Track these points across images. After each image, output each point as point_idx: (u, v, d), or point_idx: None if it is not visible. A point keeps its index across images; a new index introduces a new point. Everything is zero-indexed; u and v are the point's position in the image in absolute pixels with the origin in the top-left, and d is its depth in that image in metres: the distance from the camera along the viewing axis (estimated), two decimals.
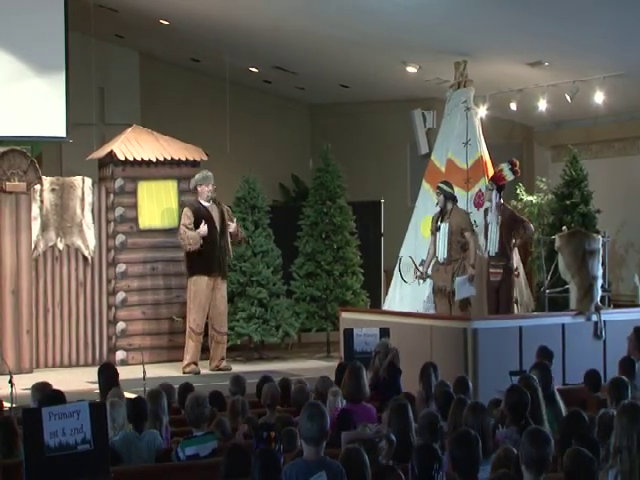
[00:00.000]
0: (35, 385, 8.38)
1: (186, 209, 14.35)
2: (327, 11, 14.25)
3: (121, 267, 14.87)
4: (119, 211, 14.86)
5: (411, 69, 15.88)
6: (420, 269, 13.50)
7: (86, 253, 14.71)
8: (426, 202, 14.64)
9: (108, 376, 8.99)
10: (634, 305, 13.74)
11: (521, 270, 13.69)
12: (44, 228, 14.50)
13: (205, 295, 14.21)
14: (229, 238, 14.50)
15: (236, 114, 18.04)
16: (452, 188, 13.35)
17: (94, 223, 14.80)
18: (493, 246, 12.88)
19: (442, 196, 13.23)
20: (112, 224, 14.85)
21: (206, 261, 14.16)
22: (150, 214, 15.00)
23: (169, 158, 15.01)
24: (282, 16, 14.70)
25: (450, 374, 8.95)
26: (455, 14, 13.40)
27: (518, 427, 6.79)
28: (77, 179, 14.76)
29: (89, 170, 15.46)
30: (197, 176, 14.42)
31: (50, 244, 14.55)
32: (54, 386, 8.37)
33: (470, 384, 8.47)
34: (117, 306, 14.84)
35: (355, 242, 16.27)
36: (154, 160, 14.92)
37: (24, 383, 9.80)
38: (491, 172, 13.69)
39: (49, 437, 6.15)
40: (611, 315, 12.23)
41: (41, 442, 6.14)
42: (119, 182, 14.86)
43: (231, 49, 16.68)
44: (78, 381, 12.71)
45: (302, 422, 5.81)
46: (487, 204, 13.23)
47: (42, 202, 14.49)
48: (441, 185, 13.32)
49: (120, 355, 14.72)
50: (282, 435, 6.90)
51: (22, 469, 6.25)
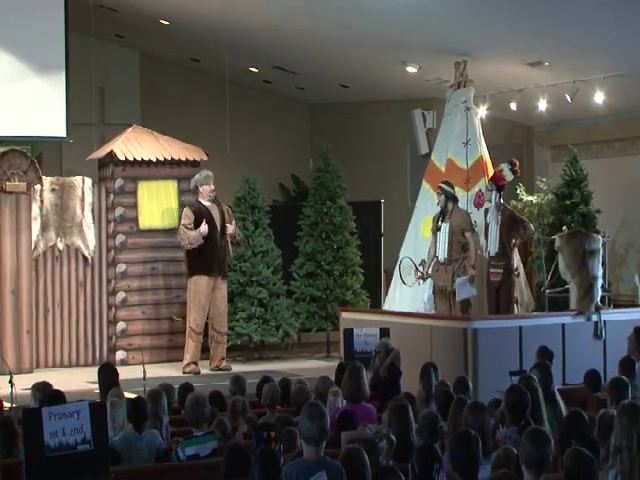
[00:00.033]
0: (35, 385, 8.38)
1: (186, 209, 14.34)
2: (327, 11, 14.25)
3: (121, 267, 14.87)
4: (119, 211, 14.86)
5: (411, 69, 15.87)
6: (420, 269, 13.50)
7: (86, 253, 14.71)
8: (426, 202, 14.64)
9: (108, 376, 8.99)
10: (634, 305, 13.74)
11: (521, 270, 13.68)
12: (44, 228, 14.50)
13: (205, 295, 14.20)
14: (229, 238, 14.51)
15: (236, 114, 18.03)
16: (453, 188, 13.35)
17: (94, 223, 14.81)
18: (493, 246, 12.89)
19: (443, 196, 13.23)
20: (112, 224, 14.85)
21: (206, 261, 14.16)
22: (150, 214, 15.00)
23: (169, 158, 15.01)
24: (282, 16, 14.70)
25: (450, 374, 8.95)
26: (455, 14, 13.40)
27: (518, 427, 6.80)
28: (77, 179, 14.76)
29: (89, 170, 15.46)
30: (197, 176, 14.41)
31: (50, 244, 14.55)
32: (54, 386, 8.37)
33: (470, 384, 8.48)
34: (117, 306, 14.84)
35: (355, 242, 16.27)
36: (154, 160, 14.92)
37: (24, 383, 9.80)
38: (491, 172, 13.69)
39: (49, 437, 6.15)
40: (611, 315, 12.22)
41: (41, 442, 6.14)
42: (119, 182, 14.86)
43: (231, 49, 16.68)
44: (78, 381, 12.71)
45: (302, 422, 5.81)
46: (487, 204, 13.25)
47: (42, 202, 14.49)
48: (442, 185, 13.32)
49: (120, 355, 14.72)
50: (282, 435, 6.90)
51: (22, 469, 6.25)
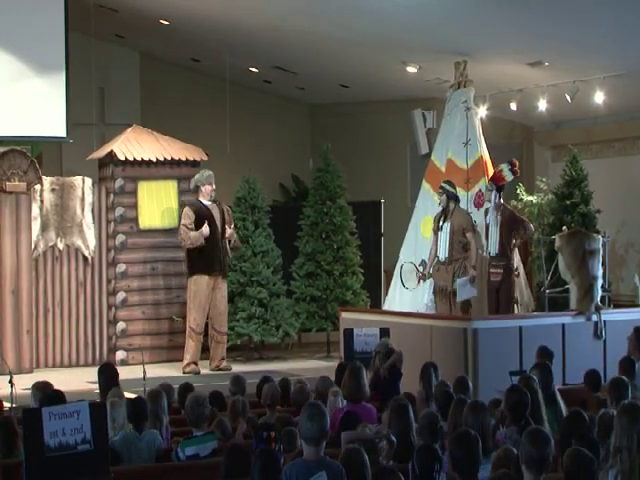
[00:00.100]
0: (36, 384, 8.37)
1: (186, 209, 14.33)
2: (327, 11, 14.25)
3: (121, 267, 14.86)
4: (119, 211, 14.85)
5: (411, 69, 15.87)
6: (420, 269, 13.50)
7: (86, 253, 14.71)
8: (426, 202, 14.65)
9: (108, 376, 8.99)
10: (634, 305, 13.74)
11: (521, 270, 13.68)
12: (44, 228, 14.50)
13: (205, 295, 14.20)
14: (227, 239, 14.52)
15: (236, 114, 18.03)
16: (455, 188, 13.35)
17: (94, 223, 14.80)
18: (493, 246, 12.89)
19: (445, 196, 13.23)
20: (112, 224, 14.85)
21: (207, 261, 14.15)
22: (150, 214, 15.00)
23: (169, 158, 15.01)
24: (282, 16, 14.70)
25: (450, 374, 8.95)
26: (455, 14, 13.40)
27: (518, 427, 6.79)
28: (77, 179, 14.76)
29: (89, 170, 15.46)
30: (198, 176, 14.40)
31: (50, 244, 14.54)
32: (54, 386, 8.36)
33: (470, 384, 8.48)
34: (117, 306, 14.84)
35: (355, 242, 16.27)
36: (154, 160, 14.91)
37: (24, 383, 9.80)
38: (491, 172, 13.69)
39: (49, 437, 6.15)
40: (611, 315, 12.22)
41: (41, 442, 6.14)
42: (119, 182, 14.86)
43: (231, 49, 16.68)
44: (78, 381, 12.71)
45: (302, 422, 5.81)
46: (487, 204, 13.25)
47: (42, 202, 14.49)
48: (444, 185, 13.32)
49: (120, 355, 14.72)
50: (282, 435, 6.90)
51: (22, 469, 6.25)
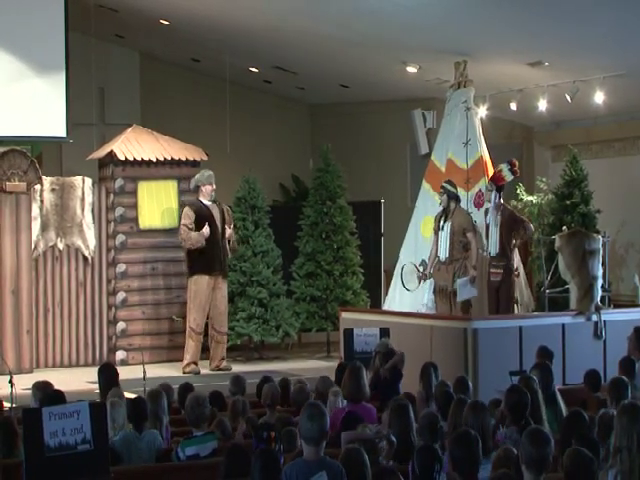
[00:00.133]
0: (36, 384, 8.37)
1: (187, 208, 14.32)
2: (327, 11, 14.25)
3: (121, 267, 14.86)
4: (119, 211, 14.85)
5: (411, 69, 15.87)
6: (420, 269, 13.50)
7: (86, 253, 14.71)
8: (426, 202, 14.65)
9: (108, 376, 8.99)
10: (634, 305, 13.74)
11: (521, 270, 13.68)
12: (44, 228, 14.50)
13: (206, 295, 14.20)
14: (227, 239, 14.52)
15: (236, 114, 18.03)
16: (456, 188, 13.35)
17: (94, 223, 14.80)
18: (493, 246, 12.89)
19: (445, 195, 13.23)
20: (112, 224, 14.85)
21: (207, 260, 14.15)
22: (150, 214, 14.99)
23: (169, 158, 15.00)
24: (282, 16, 14.70)
25: (450, 374, 8.95)
26: (455, 14, 13.40)
27: (518, 427, 6.79)
28: (77, 179, 14.76)
29: (89, 170, 15.46)
30: (199, 176, 14.39)
31: (50, 244, 14.54)
32: (54, 386, 8.36)
33: (470, 384, 8.47)
34: (117, 306, 14.84)
35: (355, 242, 16.26)
36: (154, 160, 14.91)
37: (24, 383, 9.80)
38: (491, 172, 13.69)
39: (49, 437, 6.15)
40: (611, 315, 12.22)
41: (41, 442, 6.14)
42: (119, 182, 14.86)
43: (231, 49, 16.68)
44: (78, 381, 12.70)
45: (302, 422, 5.81)
46: (487, 204, 13.25)
47: (42, 202, 14.48)
48: (445, 185, 13.32)
49: (120, 355, 14.72)
50: (282, 435, 6.90)
51: (22, 469, 6.25)
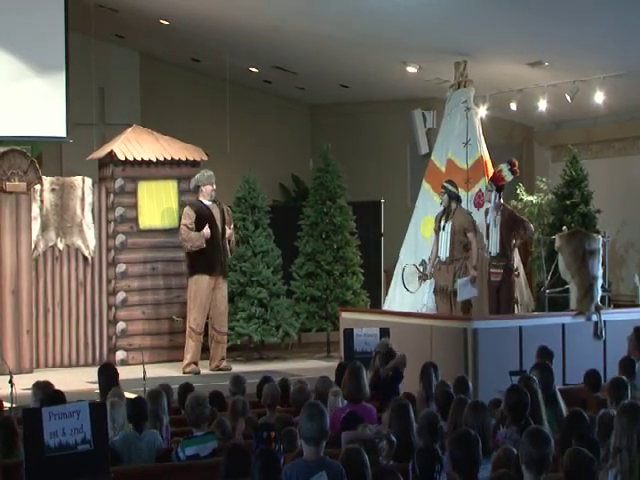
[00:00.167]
0: (37, 383, 8.37)
1: (187, 208, 14.32)
2: (327, 11, 14.25)
3: (121, 267, 14.86)
4: (119, 211, 14.85)
5: (411, 69, 15.87)
6: (420, 269, 13.50)
7: (86, 253, 14.71)
8: (426, 202, 14.64)
9: (108, 376, 8.99)
10: (634, 305, 13.74)
11: (521, 270, 13.68)
12: (44, 228, 14.50)
13: (206, 295, 14.19)
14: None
15: (236, 114, 18.03)
16: (457, 188, 13.36)
17: (94, 223, 14.80)
18: (493, 246, 12.90)
19: (446, 195, 13.23)
20: (112, 224, 14.85)
21: (208, 260, 14.15)
22: (150, 214, 14.99)
23: (169, 158, 15.00)
24: (282, 16, 14.70)
25: (450, 374, 8.95)
26: (455, 14, 13.39)
27: (518, 427, 6.79)
28: (77, 179, 14.76)
29: (89, 170, 15.46)
30: (199, 176, 14.39)
31: (50, 244, 14.54)
32: (54, 386, 8.36)
33: (470, 384, 8.47)
34: (117, 306, 14.84)
35: (355, 242, 16.26)
36: (154, 160, 14.91)
37: (24, 383, 9.81)
38: (491, 172, 13.69)
39: (49, 437, 6.15)
40: (611, 315, 12.22)
41: (41, 442, 6.14)
42: (119, 182, 14.86)
43: (231, 49, 16.68)
44: (78, 381, 12.70)
45: (302, 422, 5.81)
46: (487, 204, 13.25)
47: (42, 202, 14.48)
48: (446, 184, 13.33)
49: (120, 355, 14.72)
50: (282, 435, 6.90)
51: (22, 469, 6.25)
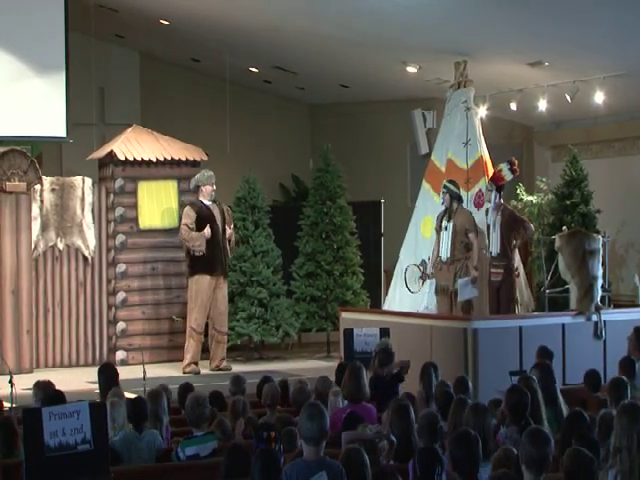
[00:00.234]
0: (38, 383, 8.37)
1: (187, 208, 14.31)
2: (327, 11, 14.25)
3: (121, 267, 14.86)
4: (119, 211, 14.85)
5: (411, 69, 15.87)
6: (421, 269, 13.50)
7: (86, 253, 14.71)
8: (426, 202, 14.64)
9: (108, 376, 8.99)
10: (634, 305, 13.74)
11: (521, 270, 13.68)
12: (44, 228, 14.49)
13: (207, 294, 14.19)
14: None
15: (236, 114, 18.03)
16: (459, 188, 13.35)
17: (94, 223, 14.80)
18: (494, 246, 12.90)
19: (448, 195, 13.22)
20: (112, 224, 14.85)
21: (208, 261, 14.14)
22: (150, 214, 14.99)
23: (169, 158, 15.00)
24: (282, 16, 14.70)
25: (450, 374, 8.95)
26: (455, 14, 13.39)
27: (518, 427, 6.79)
28: (77, 179, 14.76)
29: (89, 170, 15.46)
30: (199, 176, 14.39)
31: (50, 244, 14.54)
32: (55, 386, 8.36)
33: (470, 384, 8.48)
34: (117, 306, 14.84)
35: (355, 242, 16.26)
36: (154, 160, 14.91)
37: (24, 383, 9.81)
38: (491, 172, 13.69)
39: (49, 437, 6.15)
40: (611, 315, 12.23)
41: (41, 442, 6.14)
42: (119, 182, 14.86)
43: (231, 49, 16.68)
44: (78, 381, 12.70)
45: (302, 422, 5.81)
46: (487, 204, 13.25)
47: (42, 202, 14.48)
48: (447, 184, 13.32)
49: (120, 355, 14.72)
50: (282, 435, 6.89)
51: (22, 469, 6.25)
